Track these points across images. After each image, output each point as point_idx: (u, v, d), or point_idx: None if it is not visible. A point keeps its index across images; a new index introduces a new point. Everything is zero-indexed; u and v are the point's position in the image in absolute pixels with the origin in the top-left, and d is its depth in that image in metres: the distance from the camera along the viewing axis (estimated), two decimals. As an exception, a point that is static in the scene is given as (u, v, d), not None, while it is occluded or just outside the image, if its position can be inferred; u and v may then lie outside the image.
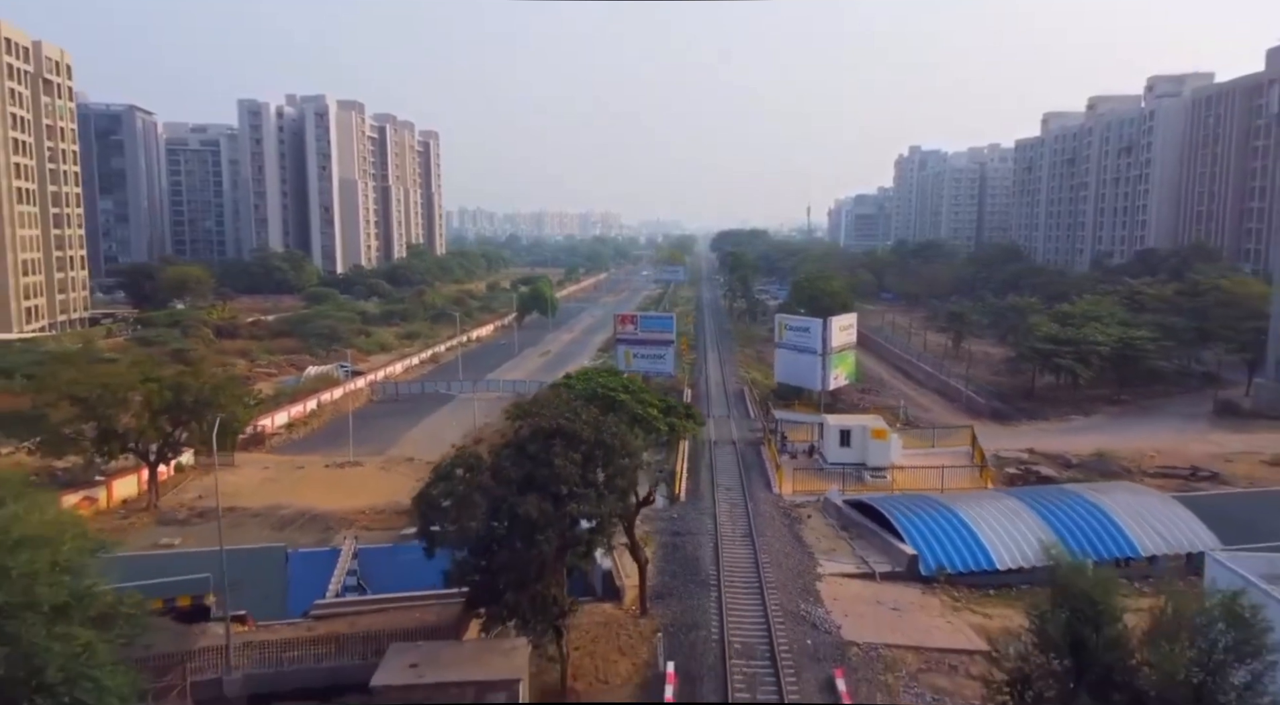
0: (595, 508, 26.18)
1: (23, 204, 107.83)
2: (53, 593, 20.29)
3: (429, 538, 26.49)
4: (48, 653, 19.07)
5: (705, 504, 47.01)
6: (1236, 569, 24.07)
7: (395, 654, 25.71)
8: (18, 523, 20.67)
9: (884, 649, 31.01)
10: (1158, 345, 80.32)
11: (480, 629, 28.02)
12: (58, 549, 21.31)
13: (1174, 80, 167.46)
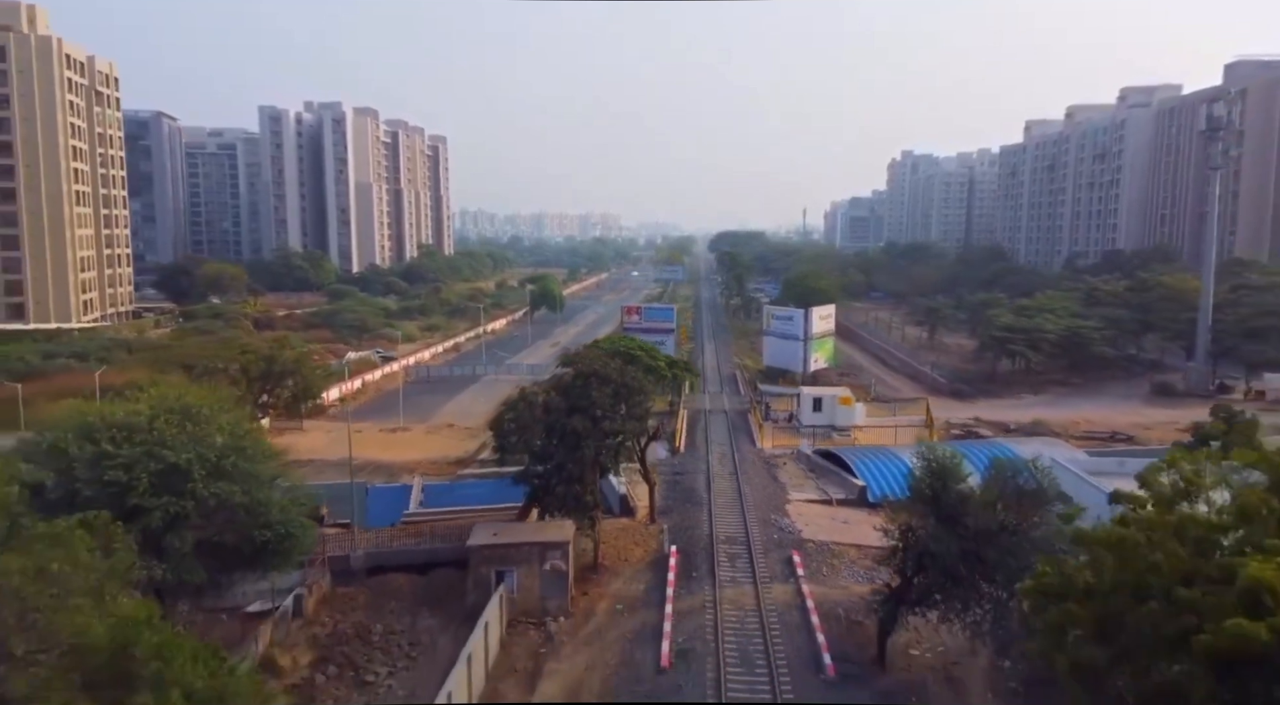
0: (621, 426, 36.83)
1: (80, 206, 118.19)
2: (268, 468, 30.89)
3: (501, 449, 37.06)
4: (270, 503, 29.57)
5: (700, 454, 57.58)
6: (1065, 464, 34.60)
7: (480, 528, 36.26)
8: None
9: (832, 544, 41.53)
10: (1103, 334, 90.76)
11: (537, 518, 38.51)
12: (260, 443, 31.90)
13: (1144, 91, 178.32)
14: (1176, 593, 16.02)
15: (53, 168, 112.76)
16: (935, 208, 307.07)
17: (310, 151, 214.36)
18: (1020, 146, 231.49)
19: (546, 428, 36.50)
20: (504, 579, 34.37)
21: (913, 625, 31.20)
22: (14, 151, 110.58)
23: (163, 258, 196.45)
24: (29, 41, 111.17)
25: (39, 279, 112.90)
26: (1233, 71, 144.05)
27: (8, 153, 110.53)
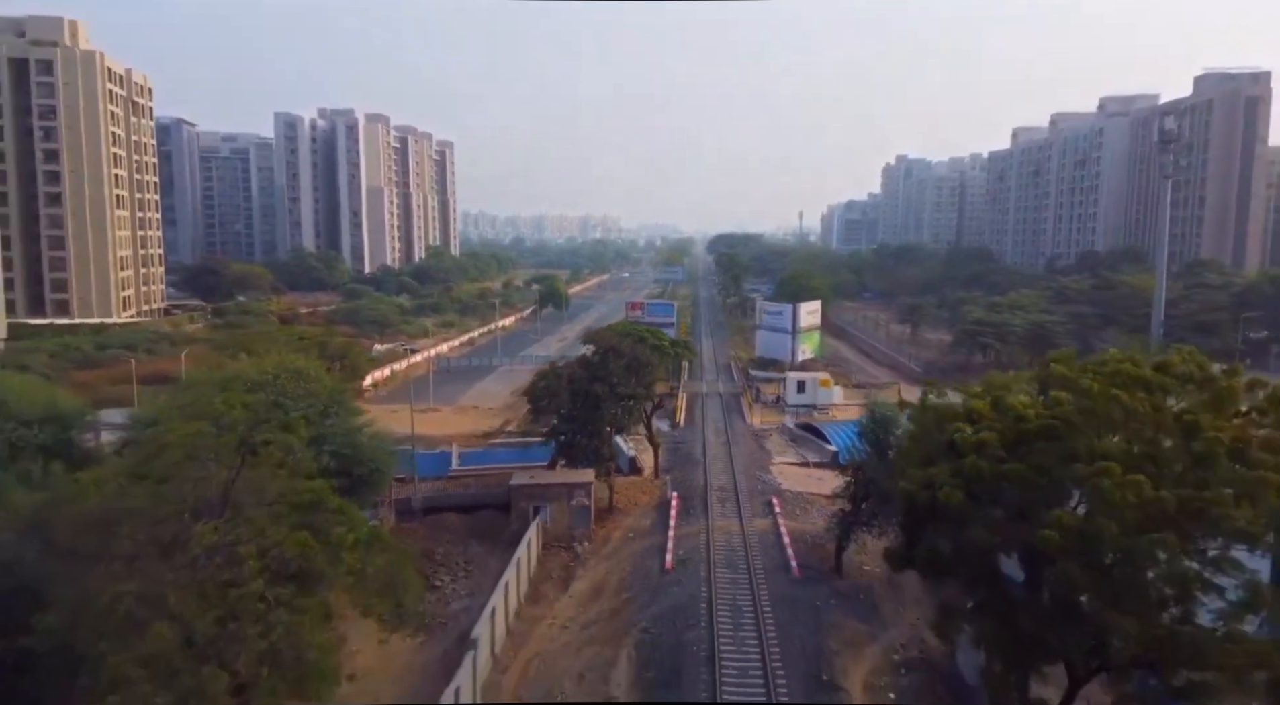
0: (632, 392, 45.36)
1: (119, 209, 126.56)
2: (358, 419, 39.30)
3: (535, 410, 45.58)
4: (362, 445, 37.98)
5: (697, 428, 66.17)
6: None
7: (519, 473, 44.85)
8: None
9: (805, 494, 50.03)
10: (1065, 328, 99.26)
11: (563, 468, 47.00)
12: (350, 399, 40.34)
13: (1123, 101, 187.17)
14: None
15: (95, 173, 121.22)
16: (927, 211, 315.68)
17: (324, 156, 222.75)
18: (1008, 152, 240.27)
19: (571, 394, 45.01)
20: (539, 512, 42.86)
21: (867, 548, 39.63)
22: (60, 159, 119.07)
23: (183, 258, 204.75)
24: (75, 56, 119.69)
25: (82, 277, 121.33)
26: (1201, 83, 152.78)
27: (55, 160, 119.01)
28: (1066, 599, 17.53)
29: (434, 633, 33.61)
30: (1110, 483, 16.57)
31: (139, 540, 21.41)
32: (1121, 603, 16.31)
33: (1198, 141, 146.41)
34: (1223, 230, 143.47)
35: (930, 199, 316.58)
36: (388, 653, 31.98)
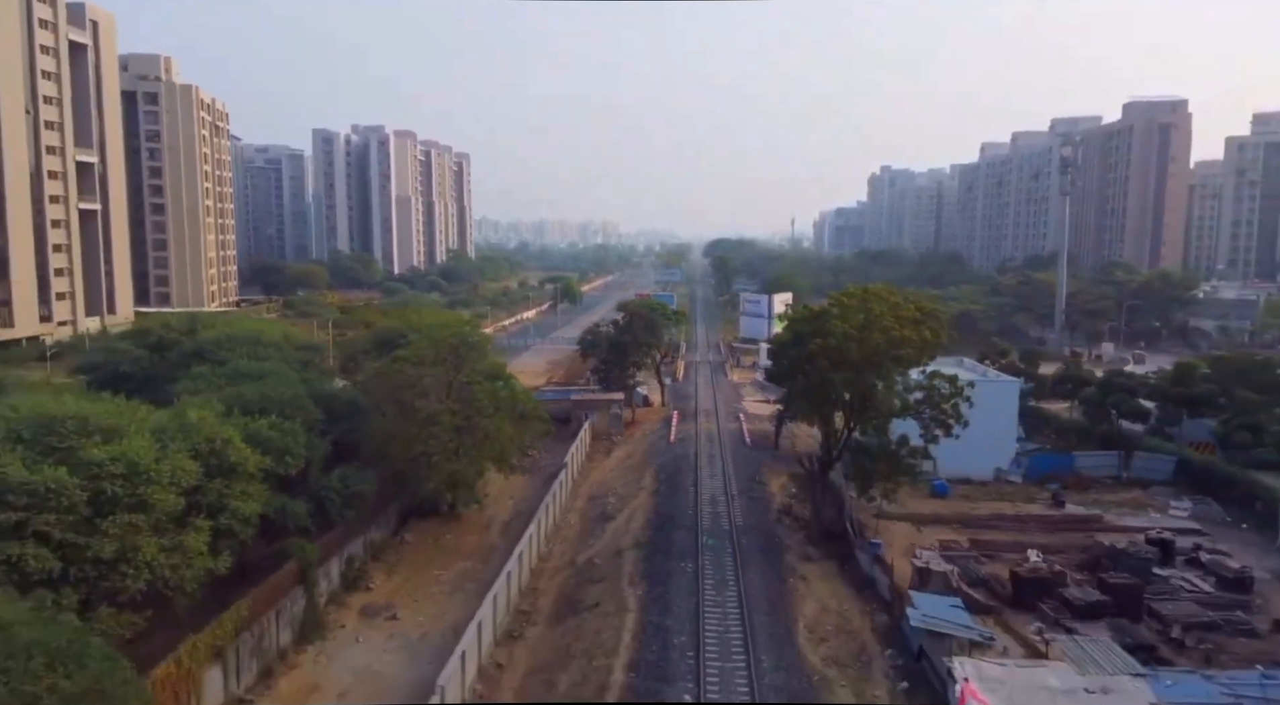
0: (648, 341, 69.56)
1: (209, 217, 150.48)
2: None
3: (584, 352, 69.89)
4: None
5: (691, 381, 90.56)
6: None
7: (576, 394, 69.07)
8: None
9: (762, 415, 74.11)
10: (986, 315, 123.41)
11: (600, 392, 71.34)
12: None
13: (1070, 122, 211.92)
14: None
15: (191, 186, 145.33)
16: (908, 218, 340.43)
17: (357, 168, 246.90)
18: (975, 166, 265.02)
19: (608, 344, 69.23)
20: (589, 417, 66.94)
21: (795, 433, 63.61)
22: (163, 175, 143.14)
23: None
24: (175, 88, 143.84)
25: (180, 273, 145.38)
26: (1128, 110, 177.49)
27: (158, 176, 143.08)
28: (830, 381, 41.22)
29: (533, 475, 57.59)
30: (845, 331, 40.15)
31: (426, 387, 45.30)
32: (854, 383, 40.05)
33: (1121, 161, 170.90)
34: (1140, 236, 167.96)
35: (910, 207, 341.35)
36: (508, 484, 55.87)
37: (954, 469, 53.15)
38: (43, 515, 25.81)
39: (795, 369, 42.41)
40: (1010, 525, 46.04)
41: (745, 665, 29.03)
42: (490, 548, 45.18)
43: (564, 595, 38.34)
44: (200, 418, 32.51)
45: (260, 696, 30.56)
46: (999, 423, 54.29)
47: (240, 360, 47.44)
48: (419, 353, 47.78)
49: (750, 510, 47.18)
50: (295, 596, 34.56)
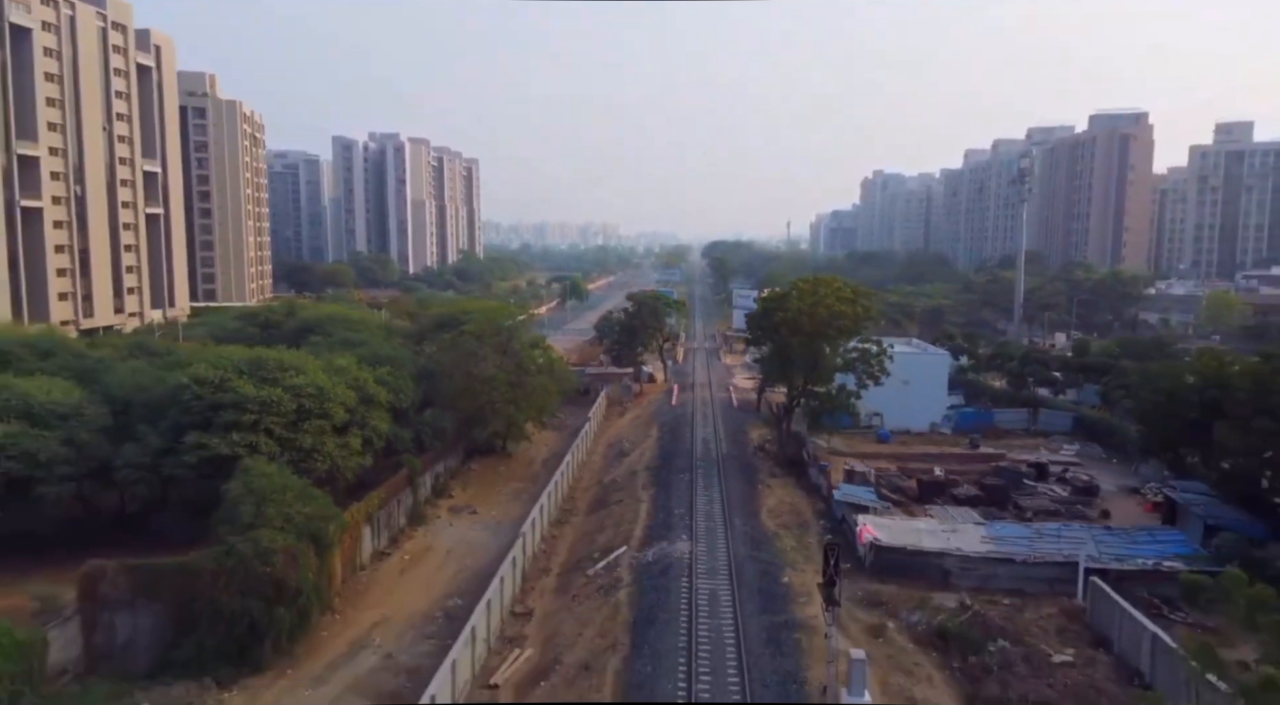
0: (653, 325, 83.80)
1: (250, 220, 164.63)
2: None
3: (600, 335, 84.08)
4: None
5: (690, 364, 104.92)
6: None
7: (591, 369, 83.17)
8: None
9: (749, 388, 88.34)
10: (954, 308, 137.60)
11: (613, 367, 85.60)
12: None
13: (1046, 131, 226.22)
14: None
15: (235, 192, 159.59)
16: (898, 220, 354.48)
17: (374, 174, 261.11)
18: (959, 171, 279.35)
19: (620, 327, 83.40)
20: (604, 388, 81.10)
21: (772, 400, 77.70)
22: (210, 181, 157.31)
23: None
24: (222, 104, 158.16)
25: (224, 271, 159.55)
26: (1094, 121, 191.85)
27: (206, 182, 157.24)
28: (790, 346, 55.05)
29: (561, 431, 71.66)
30: (799, 307, 54.55)
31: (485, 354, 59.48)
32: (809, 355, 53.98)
33: (1085, 169, 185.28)
34: (1103, 238, 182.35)
35: (900, 210, 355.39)
36: (542, 437, 69.95)
37: (896, 423, 67.44)
38: (269, 417, 40.05)
39: (765, 337, 56.65)
40: (933, 459, 60.22)
41: (724, 526, 43.20)
42: (535, 475, 59.34)
43: (594, 499, 52.62)
44: (346, 364, 46.77)
45: (394, 551, 44.76)
46: (933, 386, 68.62)
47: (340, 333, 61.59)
48: (478, 328, 62.13)
49: (733, 448, 61.44)
50: (405, 495, 48.76)
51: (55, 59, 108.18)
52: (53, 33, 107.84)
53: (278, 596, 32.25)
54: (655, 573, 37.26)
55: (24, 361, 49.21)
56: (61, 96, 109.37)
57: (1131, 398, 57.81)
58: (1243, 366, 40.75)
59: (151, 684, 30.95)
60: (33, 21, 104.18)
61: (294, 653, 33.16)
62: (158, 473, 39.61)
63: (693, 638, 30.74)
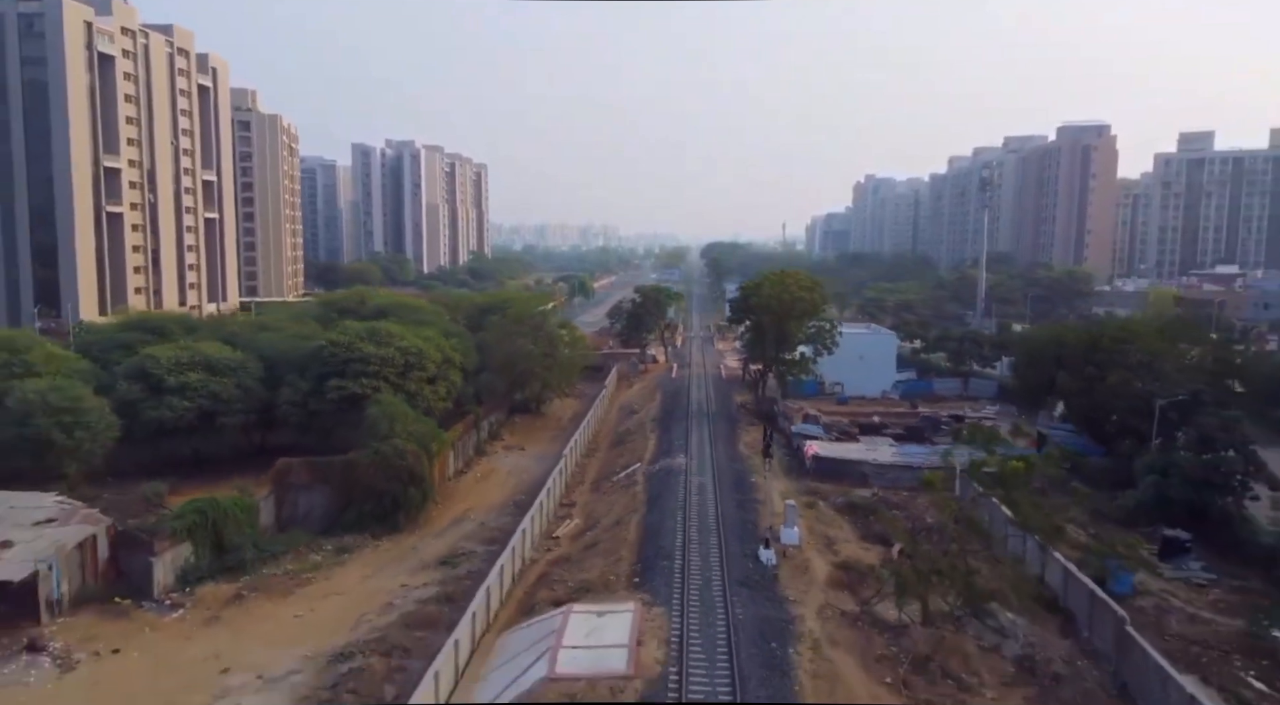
0: (656, 313, 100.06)
1: (287, 223, 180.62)
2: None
3: (612, 319, 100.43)
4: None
5: (688, 348, 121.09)
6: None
7: (605, 352, 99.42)
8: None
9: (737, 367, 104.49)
10: (923, 302, 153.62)
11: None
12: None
13: (1020, 140, 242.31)
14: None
15: (275, 199, 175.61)
16: (888, 223, 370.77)
17: (391, 179, 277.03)
18: (944, 176, 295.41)
19: (627, 315, 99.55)
20: (614, 366, 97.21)
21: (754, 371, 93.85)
22: (253, 188, 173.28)
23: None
24: (264, 118, 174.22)
25: (266, 270, 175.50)
26: (1061, 132, 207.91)
27: (249, 189, 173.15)
28: (764, 324, 70.80)
29: (581, 400, 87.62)
30: (770, 293, 70.05)
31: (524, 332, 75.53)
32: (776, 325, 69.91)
33: (1052, 176, 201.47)
34: (1067, 240, 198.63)
35: (890, 213, 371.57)
36: (565, 403, 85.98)
37: (854, 390, 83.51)
38: (385, 368, 56.07)
39: (745, 316, 72.87)
40: (877, 414, 76.33)
41: (710, 450, 59.27)
42: (564, 427, 75.37)
43: (613, 440, 68.82)
44: (431, 334, 62.87)
45: (468, 471, 60.81)
46: (883, 361, 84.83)
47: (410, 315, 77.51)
48: (518, 313, 78.29)
49: (720, 407, 77.56)
50: (471, 434, 64.82)
51: (132, 82, 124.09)
52: (130, 59, 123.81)
53: (409, 481, 48.37)
54: (661, 475, 53.33)
55: (176, 334, 65.28)
56: (137, 115, 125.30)
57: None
58: (1076, 330, 56.84)
59: (327, 537, 46.96)
60: (115, 50, 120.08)
61: (419, 520, 49.29)
62: (305, 408, 55.66)
63: (687, 505, 46.73)
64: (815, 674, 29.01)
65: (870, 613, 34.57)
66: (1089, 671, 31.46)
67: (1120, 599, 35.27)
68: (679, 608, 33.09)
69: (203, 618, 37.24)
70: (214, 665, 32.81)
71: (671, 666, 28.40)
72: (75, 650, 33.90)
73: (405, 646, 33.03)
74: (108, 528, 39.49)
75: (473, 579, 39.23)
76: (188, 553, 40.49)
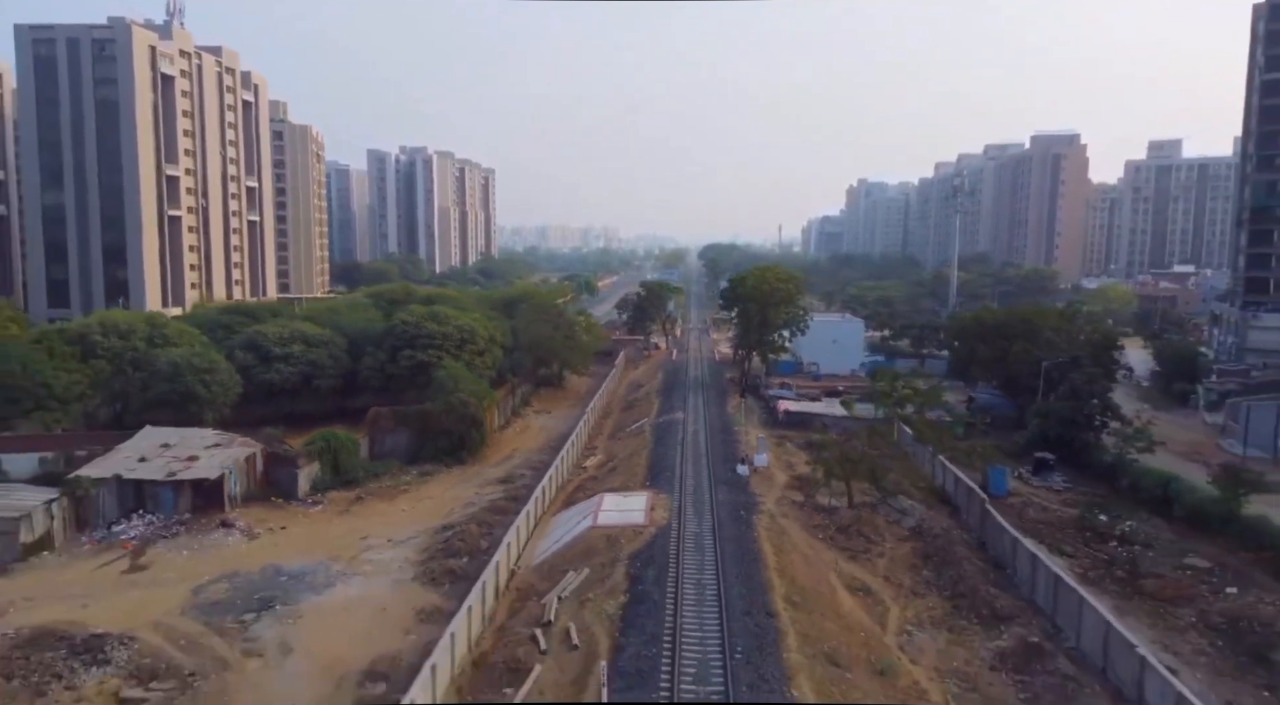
0: (659, 304, 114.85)
1: (316, 225, 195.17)
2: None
3: (620, 310, 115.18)
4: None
5: (687, 338, 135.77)
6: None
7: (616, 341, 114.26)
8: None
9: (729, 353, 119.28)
10: (901, 298, 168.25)
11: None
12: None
13: (999, 148, 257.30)
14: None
15: (306, 202, 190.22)
16: (879, 225, 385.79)
17: (405, 183, 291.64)
18: (930, 181, 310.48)
19: (633, 306, 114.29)
20: (622, 351, 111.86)
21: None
22: (287, 194, 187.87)
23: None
24: (296, 128, 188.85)
25: (297, 268, 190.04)
26: (1034, 141, 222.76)
27: (282, 194, 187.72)
28: (749, 311, 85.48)
29: (594, 378, 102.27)
30: (753, 284, 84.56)
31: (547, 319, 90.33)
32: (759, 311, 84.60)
33: (1025, 182, 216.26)
34: (1039, 242, 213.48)
35: (882, 216, 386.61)
36: (581, 380, 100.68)
37: (827, 369, 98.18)
38: (446, 342, 70.70)
39: (733, 303, 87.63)
40: (843, 386, 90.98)
41: (704, 409, 73.90)
42: (581, 398, 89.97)
43: (624, 406, 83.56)
44: (478, 317, 77.57)
45: (507, 427, 75.46)
46: (852, 344, 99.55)
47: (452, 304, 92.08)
48: (541, 303, 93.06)
49: (713, 381, 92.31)
50: (508, 399, 79.43)
51: (188, 99, 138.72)
52: (187, 78, 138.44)
53: (471, 425, 63.03)
54: (664, 426, 68.00)
55: (265, 318, 79.92)
56: (193, 128, 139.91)
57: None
58: (994, 313, 71.55)
59: (410, 465, 61.55)
60: (174, 70, 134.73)
61: (478, 456, 63.96)
62: (383, 372, 70.29)
63: (684, 443, 61.37)
64: (769, 529, 43.61)
65: (812, 501, 49.30)
66: (960, 535, 46.07)
67: (996, 498, 49.86)
68: (678, 495, 47.73)
69: (336, 511, 51.89)
70: (354, 535, 47.38)
71: (673, 521, 42.98)
72: (254, 527, 48.46)
73: (489, 522, 47.58)
74: (262, 449, 54.12)
75: (527, 489, 53.68)
76: (317, 469, 55.11)
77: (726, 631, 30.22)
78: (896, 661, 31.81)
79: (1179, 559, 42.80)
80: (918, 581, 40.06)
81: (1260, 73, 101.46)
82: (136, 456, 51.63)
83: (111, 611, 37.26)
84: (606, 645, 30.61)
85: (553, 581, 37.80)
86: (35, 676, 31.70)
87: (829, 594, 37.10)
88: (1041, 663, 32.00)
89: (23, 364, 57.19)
